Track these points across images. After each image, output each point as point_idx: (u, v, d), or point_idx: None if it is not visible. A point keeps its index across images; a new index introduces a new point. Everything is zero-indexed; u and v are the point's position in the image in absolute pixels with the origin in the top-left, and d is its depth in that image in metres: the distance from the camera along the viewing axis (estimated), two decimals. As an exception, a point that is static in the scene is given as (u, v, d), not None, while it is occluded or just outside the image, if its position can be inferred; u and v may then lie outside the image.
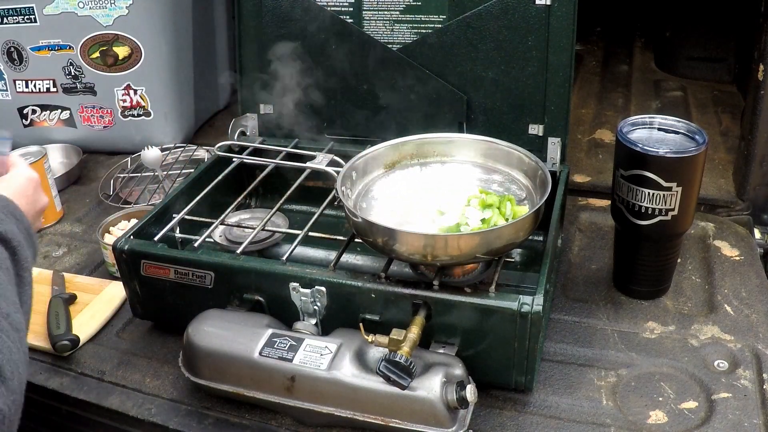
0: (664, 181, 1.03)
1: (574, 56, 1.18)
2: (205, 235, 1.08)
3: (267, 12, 1.31)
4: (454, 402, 0.85)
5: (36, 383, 1.03)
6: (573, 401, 0.97)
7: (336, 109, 1.33)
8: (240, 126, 1.38)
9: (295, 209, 1.31)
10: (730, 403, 0.94)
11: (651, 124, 1.11)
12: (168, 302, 1.06)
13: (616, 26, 2.35)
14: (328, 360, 0.89)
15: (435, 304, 0.91)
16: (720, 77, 1.99)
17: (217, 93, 1.92)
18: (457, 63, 1.25)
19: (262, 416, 0.96)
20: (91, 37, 1.60)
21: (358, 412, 0.88)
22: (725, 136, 1.67)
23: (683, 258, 1.24)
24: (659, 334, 1.07)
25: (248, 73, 1.36)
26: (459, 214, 1.00)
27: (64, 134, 1.72)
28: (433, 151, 1.14)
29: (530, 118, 1.23)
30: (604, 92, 1.95)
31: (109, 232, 1.27)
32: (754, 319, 1.09)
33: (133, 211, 1.32)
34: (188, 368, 0.96)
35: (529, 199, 1.05)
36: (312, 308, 0.98)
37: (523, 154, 1.08)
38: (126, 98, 1.66)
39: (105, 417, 1.01)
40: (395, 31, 1.29)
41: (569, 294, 1.17)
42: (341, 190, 1.00)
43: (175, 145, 1.67)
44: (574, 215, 1.39)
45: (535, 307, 0.87)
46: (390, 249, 0.92)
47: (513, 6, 1.19)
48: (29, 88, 1.68)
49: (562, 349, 1.06)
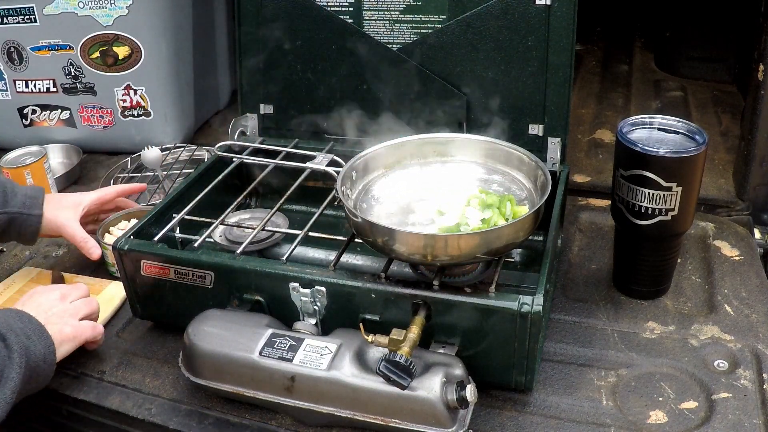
0: (664, 181, 1.03)
1: (574, 56, 1.18)
2: (205, 235, 1.08)
3: (267, 12, 1.31)
4: (454, 402, 0.85)
5: (36, 383, 1.03)
6: (573, 401, 0.97)
7: (336, 109, 1.33)
8: (240, 126, 1.38)
9: (295, 209, 1.31)
10: (730, 403, 0.94)
11: (651, 124, 1.11)
12: (168, 302, 1.06)
13: (616, 26, 2.35)
14: (328, 360, 0.89)
15: (435, 304, 0.91)
16: (720, 77, 1.99)
17: (217, 93, 1.93)
18: (457, 63, 1.25)
19: (262, 416, 0.96)
20: (91, 37, 1.60)
21: (358, 412, 0.88)
22: (725, 136, 1.67)
23: (683, 258, 1.24)
24: (659, 334, 1.07)
25: (248, 74, 1.36)
26: (459, 214, 1.00)
27: (64, 134, 1.72)
28: (433, 151, 1.14)
29: (530, 118, 1.23)
30: (604, 92, 1.95)
31: (109, 232, 1.27)
32: (754, 319, 1.09)
33: (134, 211, 1.32)
34: (188, 368, 0.96)
35: (529, 199, 1.05)
36: (312, 308, 0.98)
37: (523, 154, 1.08)
38: (126, 98, 1.66)
39: (105, 417, 1.01)
40: (395, 31, 1.29)
41: (569, 294, 1.17)
42: (341, 190, 1.00)
43: (175, 145, 1.67)
44: (574, 215, 1.39)
45: (535, 307, 0.87)
46: (390, 249, 0.92)
47: (513, 6, 1.19)
48: (29, 88, 1.68)
49: (562, 349, 1.06)
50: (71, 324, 0.98)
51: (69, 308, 1.00)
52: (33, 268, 1.28)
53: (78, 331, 0.99)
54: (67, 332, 0.97)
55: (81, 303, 1.03)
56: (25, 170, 1.39)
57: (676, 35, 2.09)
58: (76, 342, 0.98)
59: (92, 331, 1.01)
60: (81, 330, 0.99)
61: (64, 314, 0.99)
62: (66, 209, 1.20)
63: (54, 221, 1.18)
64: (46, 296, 1.01)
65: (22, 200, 1.17)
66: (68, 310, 1.00)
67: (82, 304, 1.03)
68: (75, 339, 0.98)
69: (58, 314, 0.98)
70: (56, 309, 0.99)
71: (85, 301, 1.04)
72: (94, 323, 1.03)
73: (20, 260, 1.31)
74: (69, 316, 0.99)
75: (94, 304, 1.05)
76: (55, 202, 1.21)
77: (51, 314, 0.97)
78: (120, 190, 1.31)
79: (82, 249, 1.20)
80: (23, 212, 1.16)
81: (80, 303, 1.03)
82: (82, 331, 0.99)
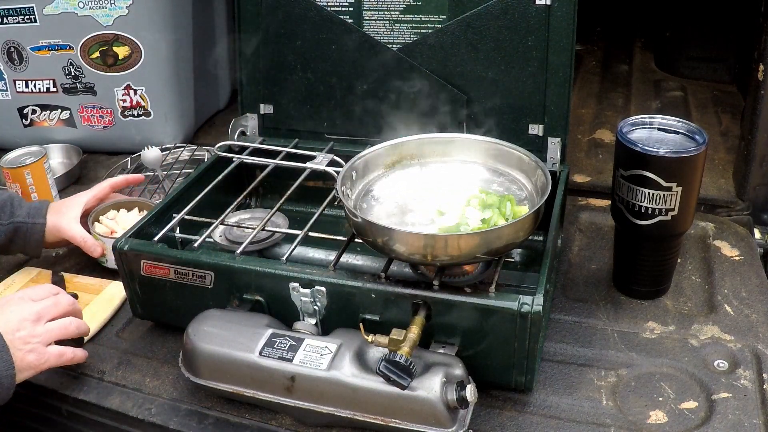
0: (664, 181, 1.03)
1: (574, 56, 1.18)
2: (205, 235, 1.08)
3: (267, 12, 1.31)
4: (454, 402, 0.85)
5: (36, 383, 1.03)
6: (573, 401, 0.97)
7: (336, 109, 1.33)
8: (240, 126, 1.38)
9: (295, 209, 1.31)
10: (730, 403, 0.94)
11: (651, 124, 1.11)
12: (168, 302, 1.06)
13: (616, 26, 2.35)
14: (328, 360, 0.89)
15: (435, 304, 0.91)
16: (720, 77, 1.99)
17: (217, 93, 1.93)
18: (457, 63, 1.25)
19: (262, 416, 0.96)
20: (91, 37, 1.60)
21: (358, 412, 0.88)
22: (725, 136, 1.67)
23: (683, 258, 1.24)
24: (659, 334, 1.07)
25: (248, 73, 1.36)
26: (459, 214, 1.00)
27: (64, 134, 1.72)
28: (433, 151, 1.14)
29: (530, 118, 1.23)
30: (604, 92, 1.95)
31: (98, 221, 1.28)
32: (754, 319, 1.09)
33: (121, 201, 1.32)
34: (188, 368, 0.96)
35: (529, 199, 1.05)
36: (312, 308, 0.98)
37: (523, 154, 1.08)
38: (126, 98, 1.66)
39: (105, 417, 1.01)
40: (395, 31, 1.29)
41: (569, 294, 1.17)
42: (341, 190, 1.00)
43: (175, 145, 1.67)
44: (574, 215, 1.39)
45: (535, 307, 0.87)
46: (390, 249, 0.92)
47: (513, 6, 1.19)
48: (29, 88, 1.68)
49: (562, 349, 1.06)
50: (37, 351, 0.93)
51: (39, 333, 0.94)
52: (33, 268, 1.28)
53: (41, 360, 0.94)
54: (30, 360, 0.92)
55: (56, 326, 0.97)
56: (25, 170, 1.38)
57: (676, 35, 2.09)
58: (37, 370, 0.94)
59: (57, 360, 0.96)
60: (45, 358, 0.94)
61: (32, 339, 0.93)
62: (65, 213, 1.22)
63: (55, 226, 1.21)
64: (19, 313, 0.94)
65: (28, 210, 1.21)
66: (37, 335, 0.94)
67: (57, 328, 0.97)
68: (37, 368, 0.94)
69: (24, 339, 0.93)
70: (24, 332, 0.93)
71: (61, 325, 0.98)
72: (64, 350, 0.97)
73: (20, 260, 1.31)
74: (37, 342, 0.94)
75: (72, 327, 0.99)
76: (55, 208, 1.23)
77: (17, 337, 0.92)
78: (113, 183, 1.32)
79: (83, 248, 1.22)
80: (28, 221, 1.20)
81: (55, 326, 0.97)
82: (46, 359, 0.94)
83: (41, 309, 0.96)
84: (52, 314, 0.98)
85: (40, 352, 0.94)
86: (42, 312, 0.96)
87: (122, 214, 1.30)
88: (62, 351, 0.97)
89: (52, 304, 0.98)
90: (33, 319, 0.95)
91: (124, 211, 1.30)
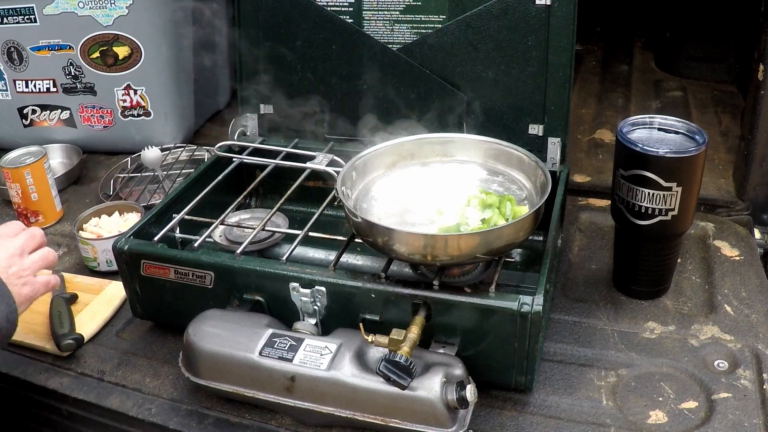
0: (664, 181, 1.03)
1: (574, 56, 1.18)
2: (205, 235, 1.08)
3: (267, 12, 1.31)
4: (454, 402, 0.85)
5: (36, 383, 1.03)
6: (573, 401, 0.97)
7: (336, 109, 1.33)
8: (240, 126, 1.38)
9: (295, 209, 1.31)
10: (730, 403, 0.94)
11: (651, 124, 1.11)
12: (168, 302, 1.06)
13: (616, 26, 2.35)
14: (328, 360, 0.89)
15: (435, 304, 0.91)
16: (720, 77, 1.99)
17: (217, 93, 1.92)
18: (457, 63, 1.25)
19: (262, 416, 0.96)
20: (91, 37, 1.60)
21: (358, 412, 0.88)
22: (725, 136, 1.67)
23: (683, 258, 1.24)
24: (659, 334, 1.07)
25: (248, 74, 1.36)
26: (459, 214, 1.00)
27: (64, 134, 1.72)
28: (433, 151, 1.14)
29: (530, 118, 1.23)
30: (604, 92, 1.95)
31: (83, 229, 1.30)
32: (754, 319, 1.09)
33: (102, 207, 1.34)
34: (188, 368, 0.96)
35: (529, 199, 1.05)
36: (312, 308, 0.98)
37: (523, 154, 1.08)
38: (126, 98, 1.66)
39: (105, 417, 1.01)
40: (395, 31, 1.29)
41: (569, 294, 1.17)
42: (341, 190, 1.00)
43: (175, 145, 1.67)
44: (574, 215, 1.39)
45: (535, 307, 0.87)
46: (390, 249, 0.92)
47: (513, 6, 1.19)
48: (29, 88, 1.68)
49: (562, 349, 1.06)
50: (30, 283, 0.97)
51: (27, 265, 0.98)
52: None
53: (34, 290, 0.98)
54: (26, 293, 0.96)
55: (38, 257, 1.01)
56: (25, 170, 1.38)
57: (676, 35, 2.09)
58: (31, 301, 0.98)
59: (45, 288, 1.00)
60: (37, 288, 0.98)
61: (24, 273, 0.97)
62: None
63: None
64: (5, 250, 0.97)
65: None
66: (26, 268, 0.98)
67: (39, 259, 1.00)
68: (31, 299, 0.97)
69: (17, 273, 0.96)
70: (15, 268, 0.96)
71: (42, 255, 1.01)
72: (48, 278, 1.01)
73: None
74: (28, 274, 0.97)
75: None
76: None
77: (11, 273, 0.95)
78: None
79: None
80: None
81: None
82: (37, 290, 0.98)
83: (23, 243, 1.00)
84: (32, 246, 1.01)
85: (32, 284, 0.97)
86: (24, 246, 1.00)
87: (104, 219, 1.33)
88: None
89: (29, 237, 1.02)
90: (18, 253, 0.98)
91: (106, 216, 1.33)
